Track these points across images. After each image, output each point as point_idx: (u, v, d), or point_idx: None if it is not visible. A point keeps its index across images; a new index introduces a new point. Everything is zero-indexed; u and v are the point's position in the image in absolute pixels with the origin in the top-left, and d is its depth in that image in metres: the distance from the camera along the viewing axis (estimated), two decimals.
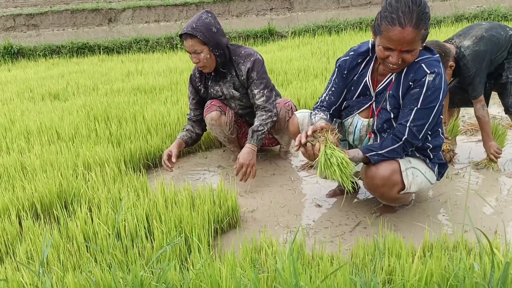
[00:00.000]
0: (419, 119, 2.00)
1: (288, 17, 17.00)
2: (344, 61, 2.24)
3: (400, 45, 1.88)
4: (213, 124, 3.03)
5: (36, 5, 21.81)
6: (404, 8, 1.84)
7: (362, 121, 2.22)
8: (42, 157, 3.11)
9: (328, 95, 2.30)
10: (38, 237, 2.15)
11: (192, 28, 2.73)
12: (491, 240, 1.85)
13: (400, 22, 1.84)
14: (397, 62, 1.93)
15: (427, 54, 2.03)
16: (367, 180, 2.15)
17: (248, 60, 2.90)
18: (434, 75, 1.96)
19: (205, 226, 2.21)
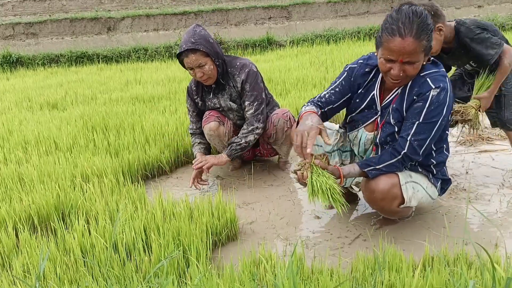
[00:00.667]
0: (420, 133, 1.99)
1: (286, 26, 17.07)
2: (353, 67, 2.22)
3: (401, 55, 1.87)
4: (212, 134, 3.02)
5: (35, 13, 21.87)
6: (405, 19, 1.85)
7: (367, 134, 2.21)
8: (39, 167, 3.10)
9: (329, 94, 2.26)
10: (35, 249, 2.13)
11: (192, 42, 2.72)
12: (491, 254, 1.84)
13: (400, 33, 1.84)
14: (398, 74, 1.91)
15: (433, 69, 2.01)
16: (367, 193, 2.13)
17: (243, 71, 2.91)
18: (439, 90, 1.94)
19: (204, 239, 2.19)
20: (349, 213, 2.62)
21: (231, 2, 22.32)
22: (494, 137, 3.60)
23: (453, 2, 19.72)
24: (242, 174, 3.32)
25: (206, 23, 18.18)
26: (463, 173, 3.02)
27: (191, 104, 3.13)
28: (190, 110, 3.15)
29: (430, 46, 1.92)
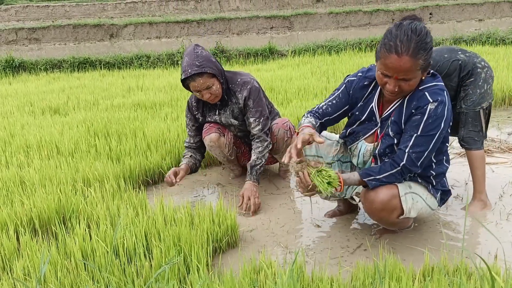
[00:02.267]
0: (418, 146, 2.00)
1: (288, 36, 17.19)
2: (352, 80, 2.24)
3: (396, 73, 1.89)
4: (212, 145, 3.03)
5: (38, 19, 22.02)
6: (403, 36, 1.85)
7: (367, 145, 2.22)
8: (41, 172, 3.11)
9: (327, 105, 2.29)
10: (36, 253, 2.13)
11: (198, 66, 2.66)
12: (491, 265, 1.85)
13: (396, 51, 1.85)
14: (393, 90, 1.94)
15: (432, 82, 2.02)
16: (366, 204, 2.14)
17: (245, 88, 2.88)
18: (437, 103, 1.95)
19: (204, 245, 2.20)
20: (349, 222, 2.63)
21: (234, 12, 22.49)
22: (494, 149, 3.61)
23: (454, 16, 19.89)
24: (243, 182, 3.32)
25: (208, 31, 18.31)
26: (462, 184, 3.04)
27: (190, 119, 3.08)
28: (190, 124, 3.09)
29: (428, 63, 1.92)
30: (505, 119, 4.45)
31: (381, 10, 19.74)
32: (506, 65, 6.26)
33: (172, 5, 23.36)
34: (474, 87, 2.62)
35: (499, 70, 5.87)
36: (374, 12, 19.54)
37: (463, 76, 2.63)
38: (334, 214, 2.68)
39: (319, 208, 2.81)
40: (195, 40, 15.69)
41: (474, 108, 2.63)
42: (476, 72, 2.61)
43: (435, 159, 2.15)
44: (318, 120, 2.27)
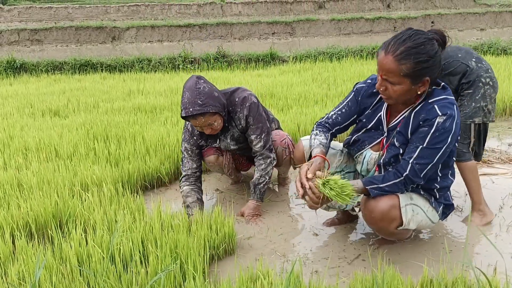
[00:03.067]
0: (422, 158, 1.98)
1: (289, 42, 17.21)
2: (361, 87, 2.23)
3: (381, 70, 1.92)
4: (212, 165, 3.02)
5: (40, 20, 22.06)
6: (399, 38, 1.88)
7: (371, 153, 2.20)
8: (39, 174, 3.09)
9: (336, 114, 2.28)
10: (31, 257, 2.11)
11: (200, 105, 2.51)
12: (491, 278, 1.83)
13: (386, 48, 1.89)
14: (379, 88, 1.96)
15: (442, 95, 1.99)
16: (366, 212, 2.12)
17: (244, 107, 2.75)
18: (446, 117, 1.92)
19: (201, 252, 2.18)
20: (348, 232, 2.61)
21: (236, 17, 22.53)
22: (494, 160, 3.60)
23: (456, 25, 19.92)
24: (242, 188, 3.32)
25: (210, 36, 18.33)
26: (462, 195, 3.02)
27: (193, 144, 2.86)
28: (191, 149, 2.86)
29: (420, 75, 1.88)
30: (506, 129, 4.43)
31: (383, 17, 19.77)
32: (508, 75, 6.26)
33: (175, 9, 23.42)
34: (470, 100, 2.59)
35: (501, 81, 5.86)
36: (376, 20, 19.57)
37: (463, 83, 2.61)
38: (332, 223, 2.67)
39: (318, 216, 2.79)
40: (197, 45, 15.72)
41: (465, 121, 2.61)
42: (477, 86, 2.58)
43: (440, 172, 2.13)
44: (328, 134, 2.26)
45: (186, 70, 9.03)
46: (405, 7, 24.33)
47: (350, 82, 6.30)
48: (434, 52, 1.88)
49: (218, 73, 8.28)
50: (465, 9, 22.49)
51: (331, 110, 2.33)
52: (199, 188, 2.85)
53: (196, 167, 2.87)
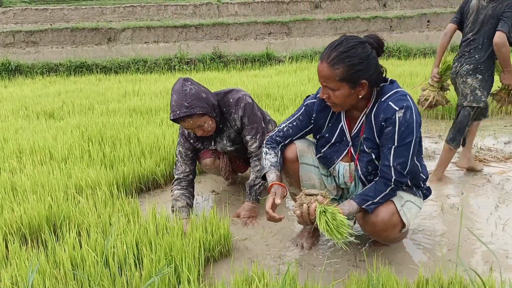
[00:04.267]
0: (400, 157, 1.98)
1: (286, 42, 17.21)
2: (312, 103, 2.21)
3: (320, 78, 1.97)
4: (208, 168, 3.01)
5: (36, 22, 22.00)
6: (332, 45, 1.94)
7: (344, 165, 2.19)
8: (33, 177, 3.07)
9: (288, 127, 2.27)
10: (24, 261, 2.09)
11: (186, 107, 2.48)
12: (486, 278, 1.82)
13: (321, 57, 1.96)
14: (322, 96, 2.00)
15: (392, 89, 2.02)
16: (368, 228, 2.10)
17: (239, 107, 2.73)
18: (404, 109, 1.95)
19: (196, 255, 2.17)
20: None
21: (232, 17, 22.53)
22: (490, 158, 3.60)
23: None
24: (238, 189, 3.30)
25: (206, 36, 18.31)
26: (458, 194, 3.02)
27: (188, 148, 2.84)
28: (185, 153, 2.84)
29: (355, 77, 1.91)
30: (502, 128, 4.44)
31: (379, 17, 19.80)
32: None
33: (171, 9, 23.40)
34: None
35: (496, 79, 5.85)
36: (372, 19, 19.59)
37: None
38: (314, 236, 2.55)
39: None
40: (193, 45, 15.70)
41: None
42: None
43: (418, 162, 2.14)
44: (277, 150, 2.25)
45: (182, 71, 9.01)
46: (401, 6, 24.37)
47: None
48: (366, 54, 1.92)
49: (214, 73, 8.26)
50: None
51: (282, 122, 2.32)
52: (190, 193, 2.82)
53: (189, 170, 2.84)
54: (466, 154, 3.35)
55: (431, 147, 3.93)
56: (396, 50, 9.36)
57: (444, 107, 3.84)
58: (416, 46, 9.54)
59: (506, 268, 2.14)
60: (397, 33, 18.90)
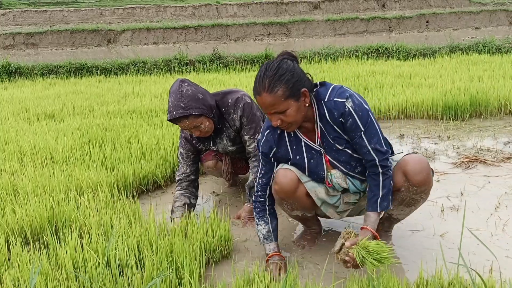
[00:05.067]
0: (372, 137, 2.05)
1: (285, 43, 17.24)
2: (265, 145, 2.21)
3: (266, 109, 1.98)
4: (210, 170, 3.02)
5: (36, 24, 22.03)
6: (259, 77, 1.97)
7: (331, 173, 2.19)
8: (34, 179, 3.08)
9: (260, 179, 2.28)
10: (26, 263, 2.11)
11: (182, 108, 2.50)
12: (486, 278, 1.83)
13: (257, 91, 1.97)
14: (276, 124, 2.01)
15: (328, 88, 2.07)
16: (413, 179, 2.12)
17: (238, 107, 2.75)
18: (350, 98, 2.01)
19: (197, 256, 2.18)
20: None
21: (231, 18, 22.56)
22: (490, 159, 3.61)
23: (451, 24, 20.00)
24: (238, 191, 3.32)
25: (206, 37, 18.34)
26: (458, 195, 3.03)
27: (189, 149, 2.86)
28: (186, 154, 2.86)
29: (295, 90, 1.95)
30: (501, 128, 4.45)
31: (378, 17, 19.83)
32: (502, 74, 6.29)
33: (170, 11, 23.43)
34: None
35: (495, 79, 5.89)
36: (371, 20, 19.63)
37: None
38: (312, 238, 2.58)
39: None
40: (192, 46, 15.72)
41: None
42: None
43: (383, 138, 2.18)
44: (267, 217, 2.28)
45: (181, 72, 9.02)
46: (400, 6, 24.42)
47: (345, 83, 6.31)
48: (292, 67, 1.97)
49: (214, 74, 8.28)
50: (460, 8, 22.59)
51: (255, 179, 2.35)
52: (191, 193, 2.84)
53: (190, 171, 2.86)
54: None
55: (430, 148, 3.95)
56: (395, 50, 9.38)
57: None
58: (415, 46, 9.56)
59: (506, 269, 2.15)
60: (396, 33, 18.94)
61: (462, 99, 4.81)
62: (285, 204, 2.28)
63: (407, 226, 2.63)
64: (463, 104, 4.76)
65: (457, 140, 4.13)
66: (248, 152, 2.84)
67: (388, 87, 5.87)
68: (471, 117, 4.82)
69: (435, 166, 3.53)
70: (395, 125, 4.71)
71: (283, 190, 2.19)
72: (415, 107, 4.96)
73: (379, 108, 4.97)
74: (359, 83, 6.23)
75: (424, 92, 5.31)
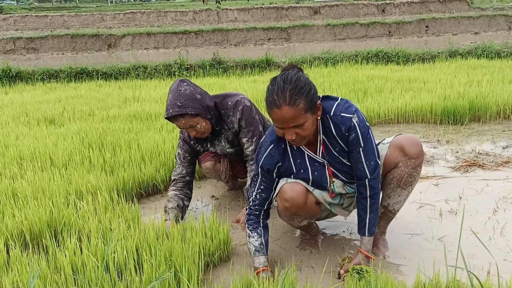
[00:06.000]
0: (369, 155, 2.09)
1: (285, 48, 17.27)
2: (269, 160, 2.19)
3: (285, 123, 1.95)
4: (208, 172, 3.03)
5: (36, 28, 22.09)
6: (277, 89, 1.92)
7: (333, 183, 2.22)
8: (34, 183, 3.09)
9: (258, 194, 2.27)
10: (26, 267, 2.11)
11: (179, 107, 2.52)
12: (484, 281, 1.84)
13: (276, 104, 1.91)
14: (291, 139, 2.00)
15: (333, 103, 2.09)
16: (411, 154, 2.22)
17: (237, 110, 2.75)
18: (356, 113, 2.05)
19: (196, 260, 2.18)
20: (342, 238, 2.62)
21: (232, 23, 22.62)
22: (488, 163, 3.62)
23: (450, 29, 20.03)
24: (237, 194, 3.32)
25: (206, 42, 18.38)
26: (457, 198, 3.03)
27: (186, 150, 2.88)
28: (184, 155, 2.88)
29: (312, 103, 1.96)
30: (500, 132, 4.46)
31: (377, 22, 19.87)
32: (501, 78, 6.30)
33: (171, 15, 23.49)
34: None
35: (494, 84, 5.90)
36: (370, 25, 19.67)
37: None
38: (314, 241, 2.60)
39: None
40: (193, 51, 15.76)
41: None
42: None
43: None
44: (260, 229, 2.27)
45: (182, 76, 9.04)
46: (399, 11, 24.48)
47: (345, 87, 6.32)
48: (307, 78, 1.98)
49: (214, 79, 8.30)
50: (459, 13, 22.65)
51: (250, 193, 2.31)
52: (185, 194, 2.86)
53: (185, 172, 2.87)
54: None
55: (429, 152, 3.96)
56: (395, 55, 9.39)
57: None
58: (414, 51, 9.57)
59: (504, 272, 2.16)
60: (395, 38, 18.97)
61: (461, 104, 4.82)
62: (295, 218, 2.27)
63: (406, 230, 2.64)
64: (462, 109, 4.78)
65: (456, 144, 4.14)
66: (246, 155, 2.84)
67: (387, 92, 5.88)
68: (470, 122, 4.83)
69: (434, 170, 3.54)
70: (394, 129, 4.72)
71: (295, 205, 2.19)
72: (414, 111, 4.97)
73: (379, 112, 4.98)
74: (358, 87, 6.24)
75: (423, 96, 5.32)
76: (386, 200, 2.34)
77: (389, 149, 2.25)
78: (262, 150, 2.21)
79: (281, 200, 2.20)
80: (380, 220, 2.41)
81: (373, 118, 4.95)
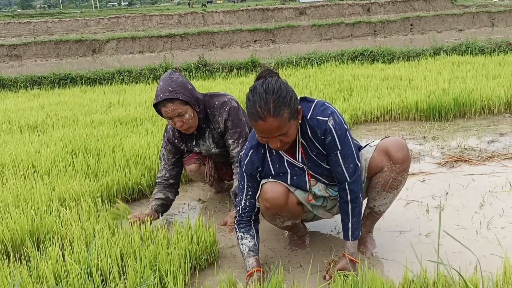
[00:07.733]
0: (347, 158, 2.07)
1: (271, 49, 17.29)
2: (251, 166, 2.18)
3: (270, 134, 1.92)
4: (193, 174, 3.00)
5: (20, 35, 21.86)
6: (260, 101, 1.88)
7: (314, 187, 2.20)
8: (15, 192, 3.03)
9: (247, 200, 2.24)
10: (6, 277, 2.06)
11: (170, 91, 2.50)
12: (470, 277, 1.83)
13: (260, 117, 1.87)
14: (276, 147, 1.99)
15: (310, 105, 2.07)
16: (395, 158, 2.19)
17: (224, 110, 2.73)
18: (331, 116, 2.03)
19: (182, 264, 2.15)
20: (329, 238, 2.61)
21: (217, 25, 22.60)
22: (474, 158, 3.63)
23: (435, 26, 20.24)
24: (224, 197, 3.29)
25: (192, 45, 18.33)
26: (443, 194, 3.03)
27: (170, 151, 2.86)
28: (168, 156, 2.87)
29: (295, 110, 1.95)
30: (485, 127, 4.49)
31: (363, 22, 19.99)
32: (485, 74, 6.35)
33: (156, 19, 23.41)
34: None
35: (478, 80, 5.95)
36: (356, 24, 19.78)
37: None
38: (302, 242, 2.58)
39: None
40: (178, 54, 15.70)
41: None
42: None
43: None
44: (252, 231, 2.25)
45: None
46: (384, 11, 24.67)
47: (331, 87, 6.33)
48: (286, 84, 1.97)
49: (200, 82, 8.26)
50: (443, 10, 22.90)
51: (238, 199, 2.28)
52: (168, 191, 2.87)
53: (169, 176, 2.86)
54: None
55: (415, 149, 3.96)
56: (380, 54, 9.44)
57: None
58: (399, 49, 9.63)
59: (490, 266, 2.15)
60: (381, 37, 19.11)
61: (446, 100, 4.84)
62: (277, 218, 2.25)
63: (393, 227, 2.63)
64: (447, 105, 4.80)
65: (441, 140, 4.15)
66: (232, 157, 2.81)
67: (373, 90, 5.90)
68: (455, 118, 4.86)
69: (420, 167, 3.54)
70: (380, 127, 4.72)
71: (275, 205, 2.16)
72: (400, 109, 4.99)
73: (365, 111, 4.99)
74: (344, 86, 6.25)
75: (409, 94, 5.34)
76: (372, 202, 2.32)
77: (375, 152, 2.22)
78: (244, 156, 2.20)
79: (262, 200, 2.18)
80: (366, 220, 2.39)
81: (359, 116, 4.95)
